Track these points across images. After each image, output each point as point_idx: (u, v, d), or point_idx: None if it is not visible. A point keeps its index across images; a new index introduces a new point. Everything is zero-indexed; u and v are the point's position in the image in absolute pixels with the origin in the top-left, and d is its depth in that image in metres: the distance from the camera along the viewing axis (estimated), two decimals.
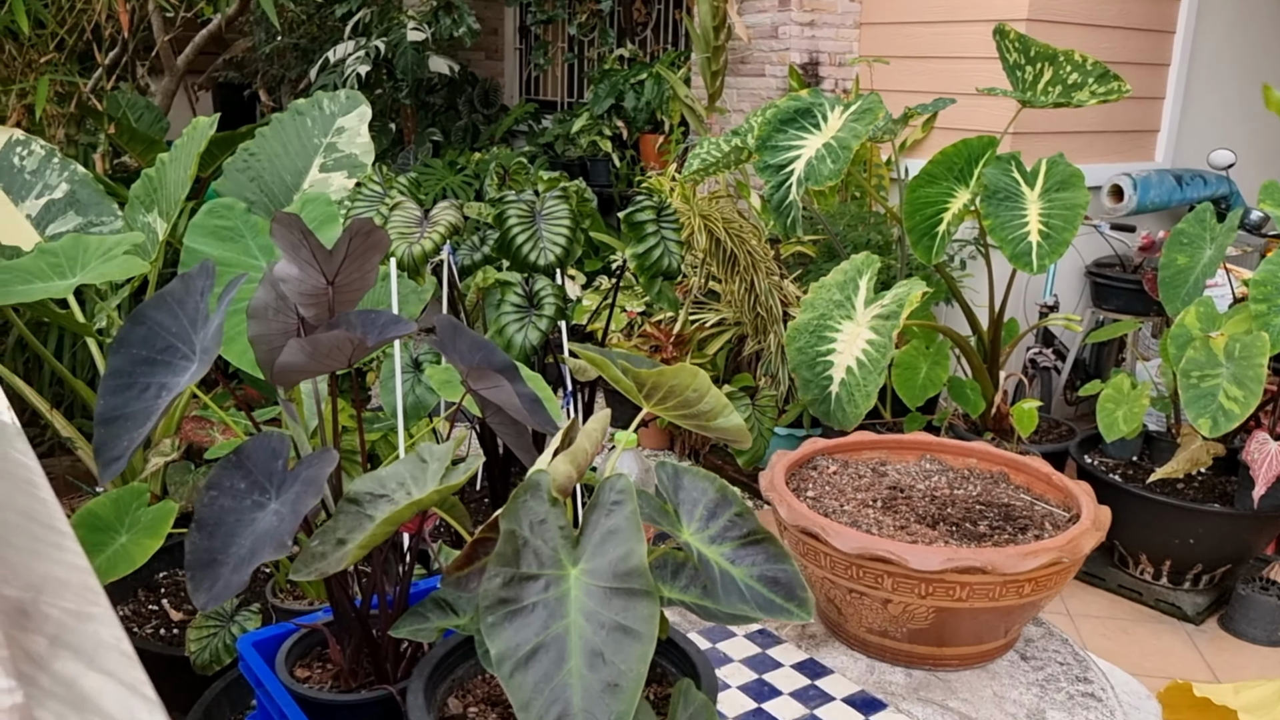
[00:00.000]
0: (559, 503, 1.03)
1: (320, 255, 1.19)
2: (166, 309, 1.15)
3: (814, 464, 1.90)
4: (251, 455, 1.08)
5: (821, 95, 3.22)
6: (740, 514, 1.23)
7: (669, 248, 2.41)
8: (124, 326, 1.12)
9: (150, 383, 1.10)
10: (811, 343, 2.75)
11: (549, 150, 5.82)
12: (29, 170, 2.99)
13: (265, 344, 1.35)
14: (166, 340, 1.13)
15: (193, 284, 1.16)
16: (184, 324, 1.14)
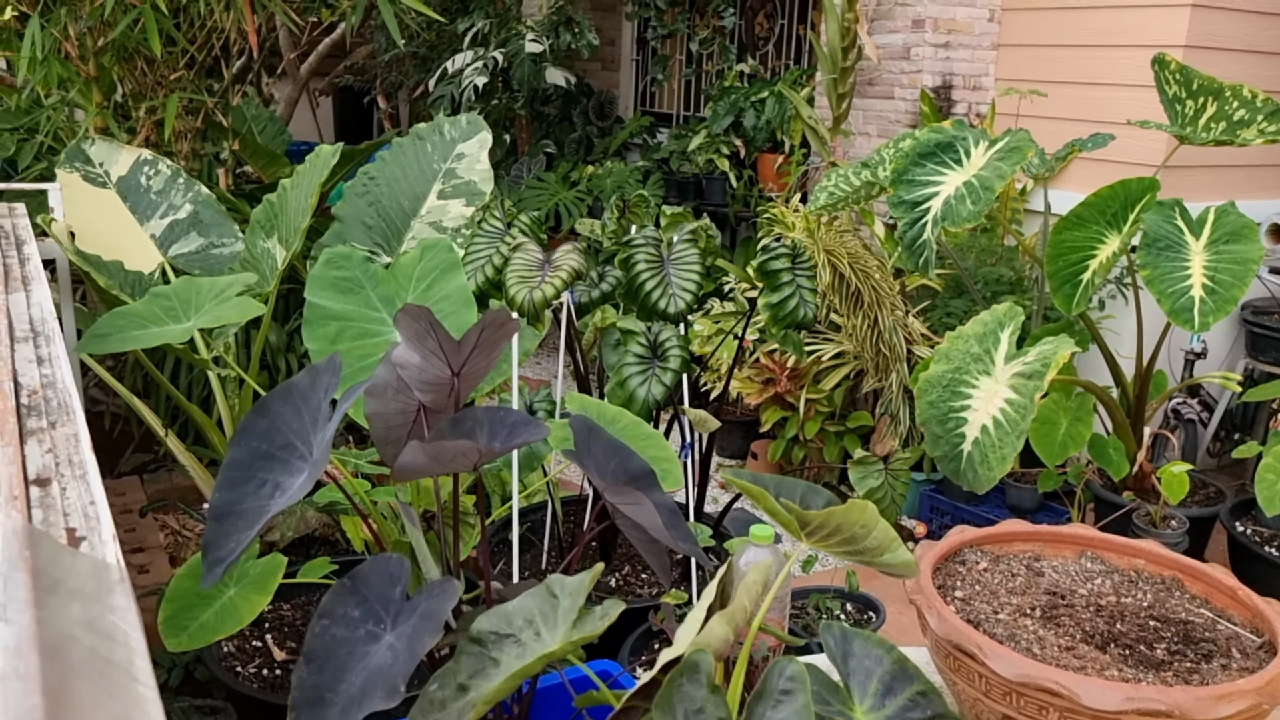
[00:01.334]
0: (719, 690, 0.91)
1: (447, 346, 1.09)
2: (290, 402, 1.07)
3: (961, 557, 1.74)
4: (368, 580, 0.99)
5: (965, 128, 3.02)
6: (923, 693, 1.08)
7: (804, 296, 2.27)
8: (247, 416, 1.05)
9: (267, 479, 1.02)
10: (944, 397, 2.57)
11: (663, 166, 5.71)
12: (155, 190, 3.01)
13: (382, 422, 1.26)
14: (286, 436, 1.05)
15: (319, 379, 1.08)
16: (305, 421, 1.06)
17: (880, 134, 4.55)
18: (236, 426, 0.98)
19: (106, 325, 1.95)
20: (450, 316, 1.74)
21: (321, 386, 1.08)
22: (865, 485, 2.23)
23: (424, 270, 1.81)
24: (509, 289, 2.17)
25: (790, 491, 1.12)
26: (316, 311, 1.71)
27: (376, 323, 1.75)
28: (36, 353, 1.34)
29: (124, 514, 3.19)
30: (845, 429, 4.06)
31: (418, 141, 3.05)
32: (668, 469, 2.02)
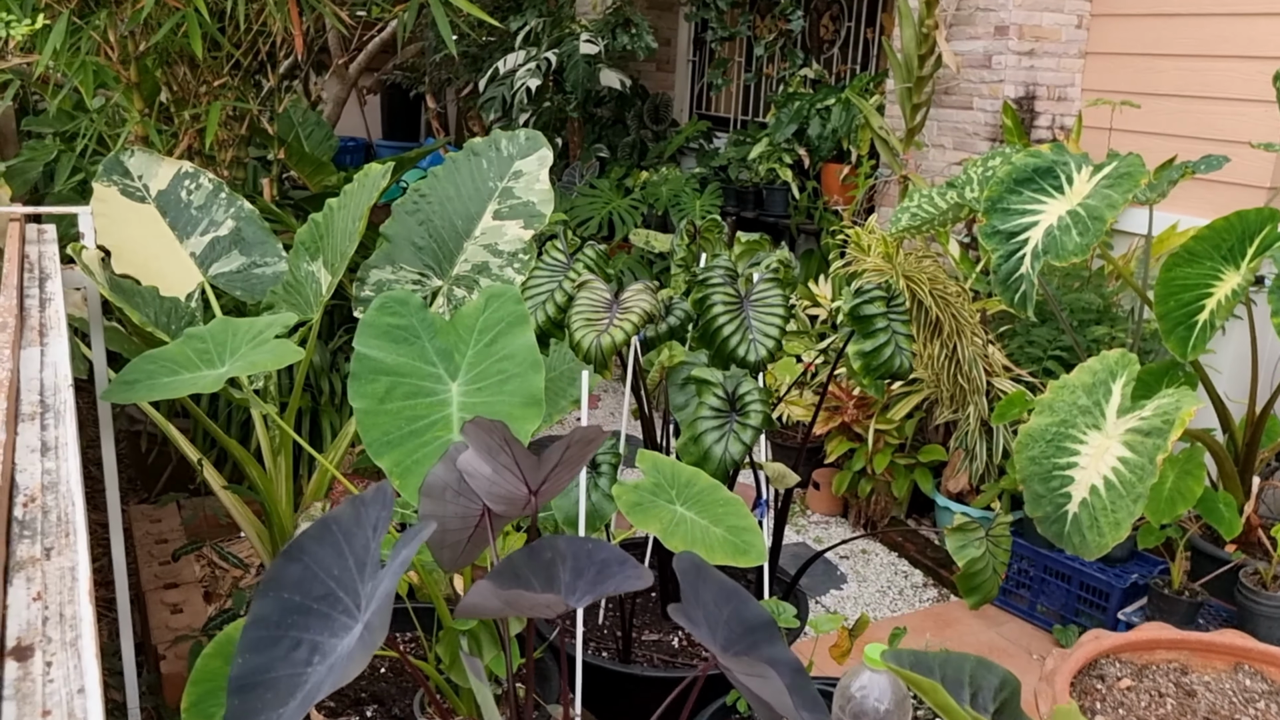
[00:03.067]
0: None
1: (525, 463, 0.89)
2: (330, 542, 0.88)
3: (1099, 670, 1.51)
4: None
5: (1065, 152, 2.77)
6: None
7: (899, 344, 2.04)
8: (276, 563, 0.86)
9: (302, 639, 0.83)
10: (1048, 452, 2.33)
11: (721, 174, 5.48)
12: (196, 205, 2.84)
13: (439, 524, 1.06)
14: (326, 585, 0.86)
15: (365, 513, 0.89)
16: (349, 566, 0.86)
17: (956, 146, 4.29)
18: (264, 577, 0.80)
19: (136, 370, 1.77)
20: (514, 379, 1.54)
21: (369, 523, 0.89)
22: (965, 555, 2.00)
23: (487, 322, 1.61)
24: (574, 332, 1.97)
25: (956, 670, 0.90)
26: (365, 364, 1.52)
27: (431, 379, 1.55)
28: (42, 437, 1.15)
29: (160, 544, 3.04)
30: (916, 462, 3.81)
31: (473, 157, 2.85)
32: (749, 541, 1.80)
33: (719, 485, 1.89)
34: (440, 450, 1.47)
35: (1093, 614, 3.19)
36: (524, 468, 0.93)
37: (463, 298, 2.77)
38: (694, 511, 1.82)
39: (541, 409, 1.52)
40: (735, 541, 1.79)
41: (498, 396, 1.53)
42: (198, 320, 2.48)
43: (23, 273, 1.86)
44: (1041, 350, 3.61)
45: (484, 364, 1.58)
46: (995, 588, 2.07)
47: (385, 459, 1.45)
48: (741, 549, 1.79)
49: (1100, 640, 1.53)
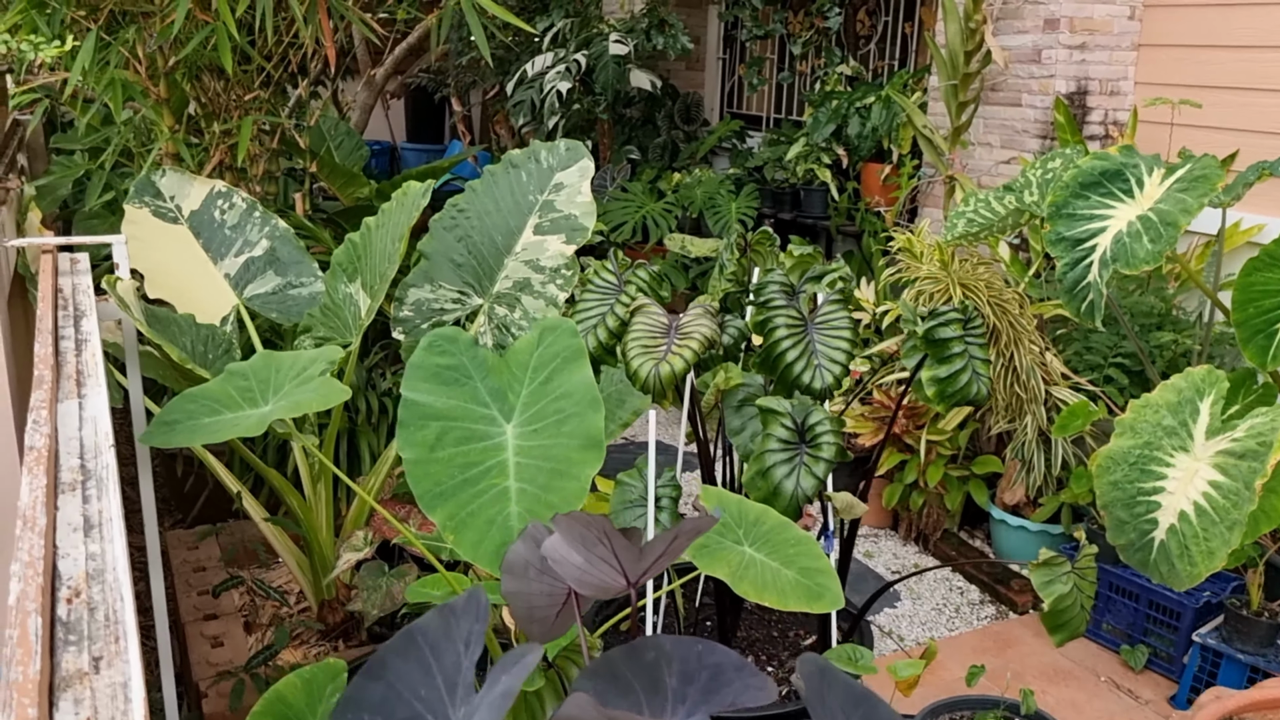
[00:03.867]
0: None
1: (625, 556, 0.80)
2: (416, 658, 0.78)
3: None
4: None
5: (1135, 153, 2.64)
6: None
7: (976, 369, 1.92)
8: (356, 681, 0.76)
9: None
10: (1132, 476, 2.20)
11: (756, 175, 5.36)
12: (229, 225, 2.76)
13: (523, 602, 0.96)
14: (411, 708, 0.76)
15: (455, 626, 0.79)
16: (438, 686, 0.76)
17: (1004, 144, 4.15)
18: (343, 696, 0.72)
19: (176, 410, 1.69)
20: (572, 419, 1.44)
21: (460, 636, 0.79)
22: (1052, 592, 1.88)
23: (542, 358, 1.51)
24: (630, 360, 1.87)
25: None
26: (414, 410, 1.42)
27: (485, 421, 1.45)
28: (84, 512, 1.06)
29: (198, 572, 2.96)
30: (969, 473, 3.69)
31: (511, 169, 2.75)
32: (824, 585, 1.69)
33: (788, 523, 1.78)
34: (497, 501, 1.37)
35: (1163, 634, 3.06)
36: (624, 560, 0.84)
37: (504, 316, 2.68)
38: (763, 553, 1.71)
39: (603, 451, 1.42)
40: (809, 585, 1.68)
41: (556, 439, 1.43)
42: (234, 347, 2.39)
43: (56, 310, 1.78)
44: (1101, 357, 3.48)
45: (540, 403, 1.48)
46: (1083, 625, 1.96)
47: (438, 512, 1.35)
48: (815, 593, 1.68)
49: (1222, 701, 1.41)
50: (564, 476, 1.38)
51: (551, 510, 1.32)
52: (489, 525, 1.33)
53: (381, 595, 2.45)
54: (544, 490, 1.37)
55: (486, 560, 1.29)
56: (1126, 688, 3.01)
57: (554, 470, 1.39)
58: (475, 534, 1.32)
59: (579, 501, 1.34)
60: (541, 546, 0.88)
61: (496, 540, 1.30)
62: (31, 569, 0.85)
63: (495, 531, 1.31)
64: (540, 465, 1.40)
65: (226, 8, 2.59)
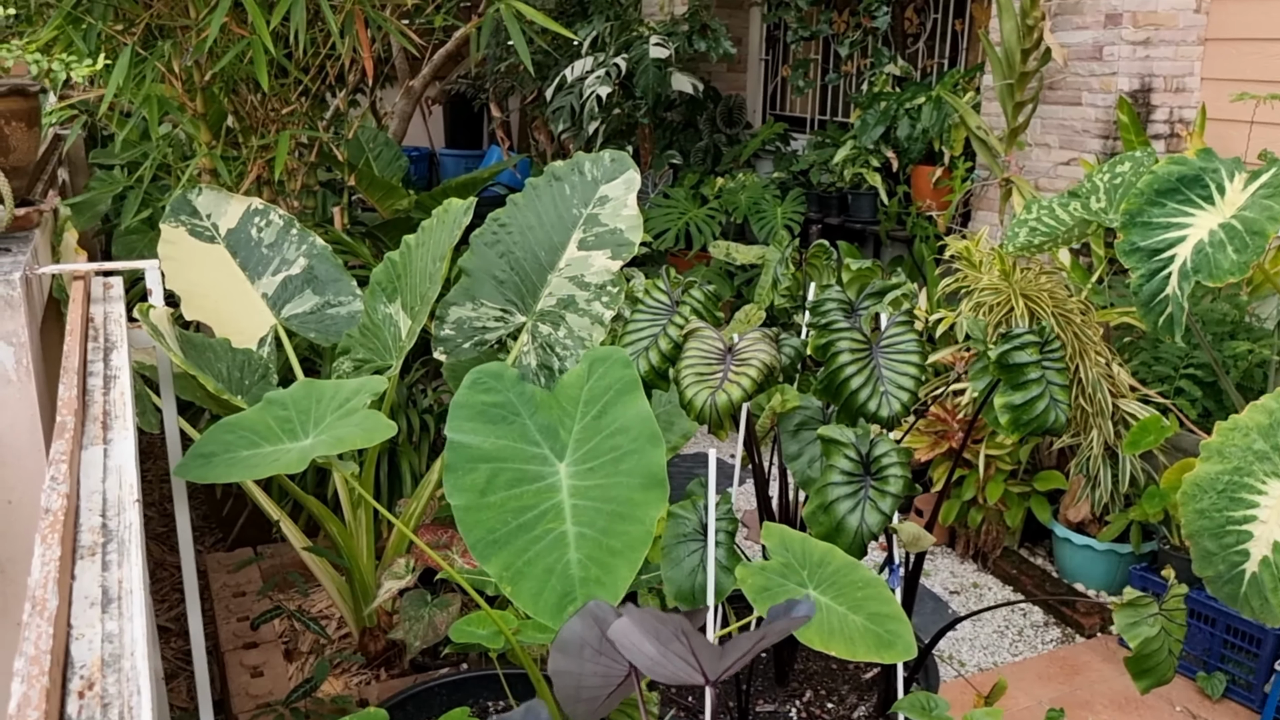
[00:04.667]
0: None
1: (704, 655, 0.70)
2: None
3: None
4: None
5: (1215, 158, 2.49)
6: None
7: (1054, 395, 1.79)
8: None
9: None
10: (1220, 504, 2.06)
11: (801, 179, 5.23)
12: (266, 244, 2.69)
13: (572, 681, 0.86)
14: None
15: None
16: None
17: (1062, 145, 3.99)
18: None
19: (213, 441, 1.61)
20: (630, 456, 1.33)
21: None
22: (1138, 634, 1.75)
23: (594, 391, 1.41)
24: (685, 389, 1.76)
25: None
26: (461, 453, 1.33)
27: (536, 461, 1.36)
28: (103, 581, 0.97)
29: (238, 596, 2.91)
30: (1031, 489, 3.54)
31: (554, 182, 2.66)
32: (895, 632, 1.58)
33: (855, 563, 1.67)
34: (555, 547, 1.27)
35: (1242, 661, 2.90)
36: (703, 659, 0.74)
37: (548, 334, 2.59)
38: (829, 596, 1.60)
39: (666, 490, 1.32)
40: (879, 632, 1.57)
41: (613, 478, 1.33)
42: (271, 371, 2.32)
43: (85, 342, 1.71)
44: (1171, 368, 3.31)
45: (594, 440, 1.38)
46: (1171, 671, 1.82)
47: (493, 562, 1.26)
48: (886, 641, 1.57)
49: None
50: (626, 519, 1.28)
51: (614, 556, 1.23)
52: (548, 575, 1.24)
53: (424, 626, 2.37)
54: (604, 535, 1.27)
55: (548, 614, 1.19)
56: (1204, 718, 2.86)
57: (614, 513, 1.29)
58: (534, 584, 1.23)
59: (644, 547, 1.25)
60: (609, 630, 0.79)
61: (558, 591, 1.20)
62: (37, 665, 0.76)
63: (555, 581, 1.22)
64: (599, 507, 1.31)
65: (262, 21, 2.52)
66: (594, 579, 1.21)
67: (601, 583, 1.20)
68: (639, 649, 0.78)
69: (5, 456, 1.79)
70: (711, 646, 0.77)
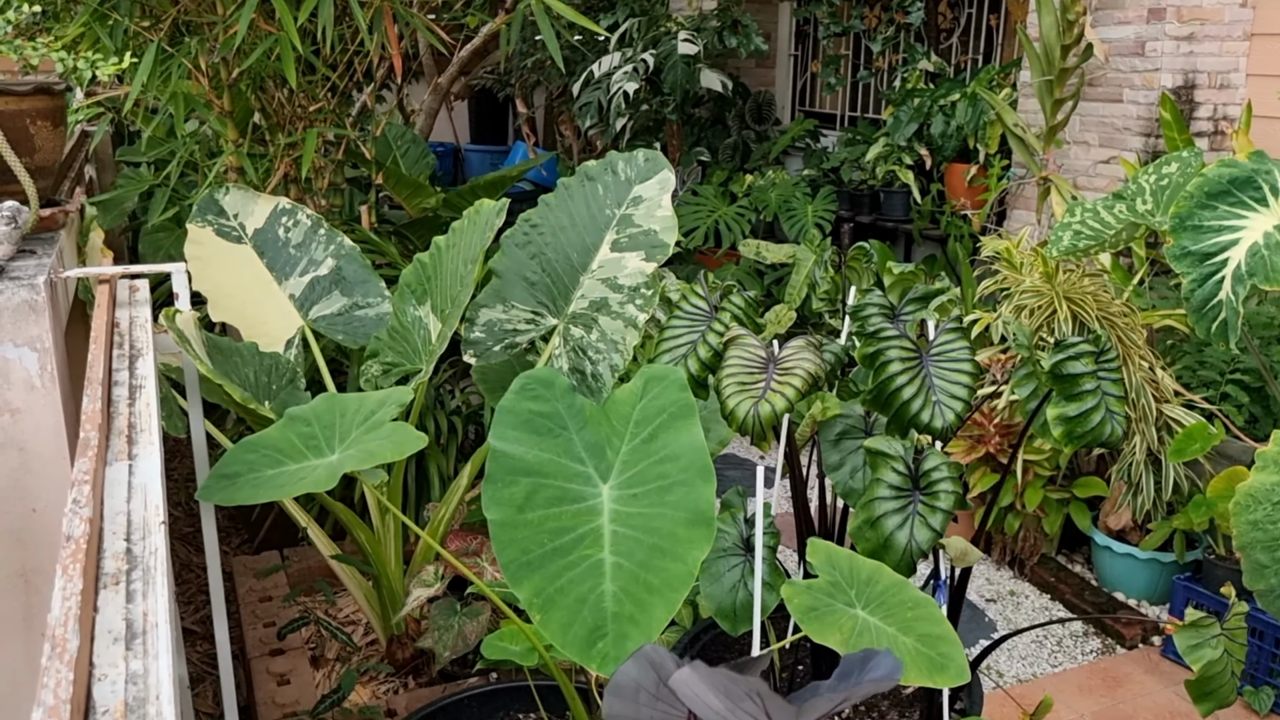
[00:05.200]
0: None
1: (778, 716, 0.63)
2: None
3: None
4: None
5: (1267, 159, 2.40)
6: None
7: (1110, 407, 1.72)
8: None
9: None
10: (1274, 516, 1.98)
11: (832, 176, 5.15)
12: (294, 244, 2.65)
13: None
14: None
15: None
16: None
17: (1103, 143, 3.90)
18: None
19: (236, 461, 1.57)
20: (678, 487, 1.27)
21: None
22: (1200, 657, 1.68)
23: (646, 412, 1.35)
24: (726, 398, 1.70)
25: None
26: (502, 463, 1.27)
27: (579, 480, 1.29)
28: (127, 614, 0.92)
29: (264, 601, 2.87)
30: (1070, 496, 3.45)
31: (587, 182, 2.60)
32: (947, 654, 1.51)
33: (904, 582, 1.60)
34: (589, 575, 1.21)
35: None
36: None
37: (580, 337, 2.53)
38: (878, 616, 1.54)
39: (713, 529, 1.25)
40: (930, 655, 1.50)
41: (658, 509, 1.27)
42: (299, 376, 2.28)
43: (110, 349, 1.67)
44: (1217, 372, 3.22)
45: (641, 464, 1.32)
46: (1233, 693, 1.75)
47: (525, 586, 1.19)
48: (938, 665, 1.50)
49: None
50: (667, 555, 1.22)
51: (651, 594, 1.16)
52: (579, 605, 1.17)
53: (453, 635, 2.32)
54: (643, 569, 1.21)
55: (576, 649, 1.13)
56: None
57: (655, 547, 1.23)
58: (564, 614, 1.16)
59: (684, 589, 1.18)
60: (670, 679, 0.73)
61: (588, 624, 1.14)
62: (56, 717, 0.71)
63: (587, 613, 1.16)
64: (640, 539, 1.24)
65: (289, 18, 2.48)
66: (628, 615, 1.14)
67: (635, 620, 1.14)
68: (707, 705, 0.72)
69: (30, 464, 1.75)
70: (787, 708, 0.71)
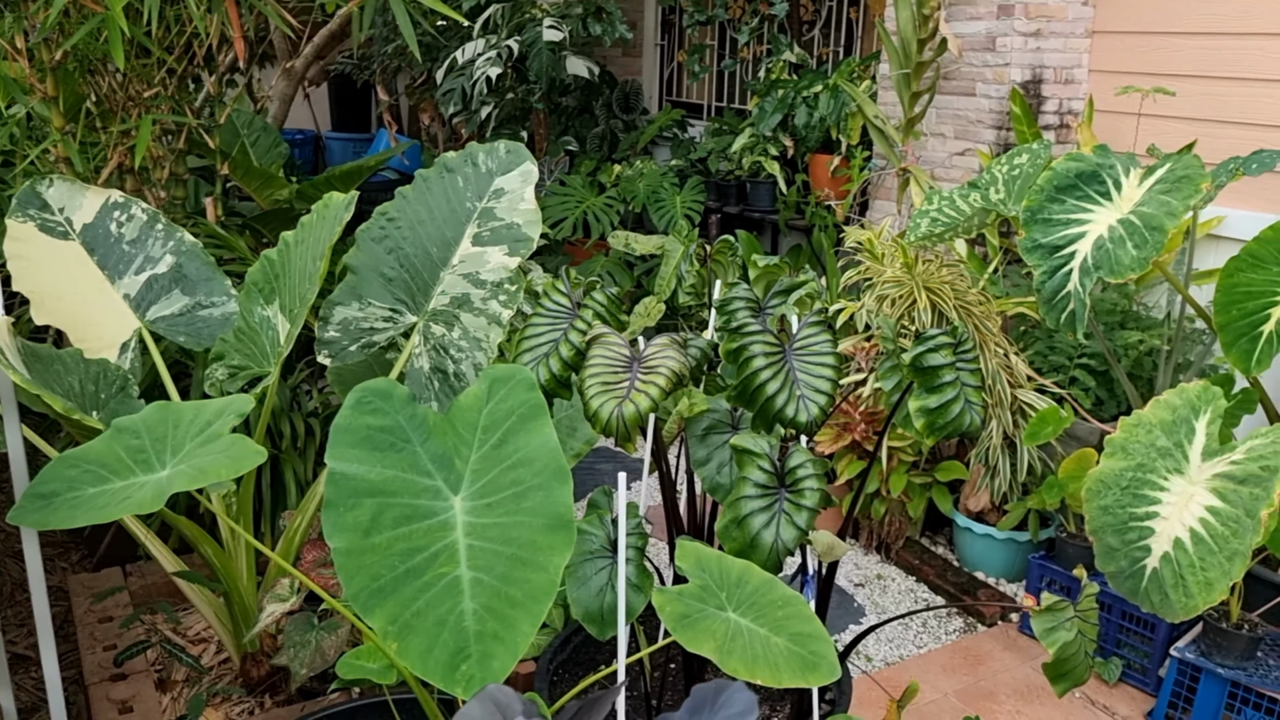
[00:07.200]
0: None
1: None
2: None
3: None
4: None
5: (1110, 154, 2.49)
6: None
7: (968, 398, 1.75)
8: None
9: None
10: (1124, 501, 2.06)
11: (700, 166, 5.15)
12: (128, 240, 2.47)
13: None
14: None
15: None
16: None
17: (957, 135, 4.01)
18: None
19: (54, 478, 1.43)
20: (533, 492, 1.21)
21: None
22: (1056, 640, 1.72)
23: (493, 417, 1.28)
24: (589, 399, 1.65)
25: None
26: (343, 486, 1.18)
27: (428, 495, 1.22)
28: None
29: (104, 622, 2.68)
30: (932, 480, 3.54)
31: (446, 174, 2.51)
32: (819, 652, 1.50)
33: (773, 580, 1.59)
34: (447, 595, 1.15)
35: (1138, 646, 2.95)
36: None
37: (441, 335, 2.44)
38: (750, 618, 1.52)
39: (573, 534, 1.20)
40: (802, 654, 1.49)
41: (514, 517, 1.21)
42: (132, 383, 2.12)
43: None
44: (1066, 357, 3.35)
45: (493, 472, 1.26)
46: (1086, 673, 1.80)
47: (377, 615, 1.11)
48: (810, 663, 1.49)
49: None
50: (528, 565, 1.16)
51: (514, 608, 1.10)
52: (439, 628, 1.10)
53: (311, 651, 2.21)
54: (503, 582, 1.15)
55: (439, 674, 1.06)
56: (1102, 703, 2.90)
57: (515, 557, 1.17)
58: (423, 640, 1.09)
59: (548, 599, 1.13)
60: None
61: (450, 647, 1.07)
62: None
63: (448, 635, 1.09)
64: (498, 550, 1.18)
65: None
66: (491, 634, 1.08)
67: (500, 638, 1.08)
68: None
69: None
70: None
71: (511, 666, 1.08)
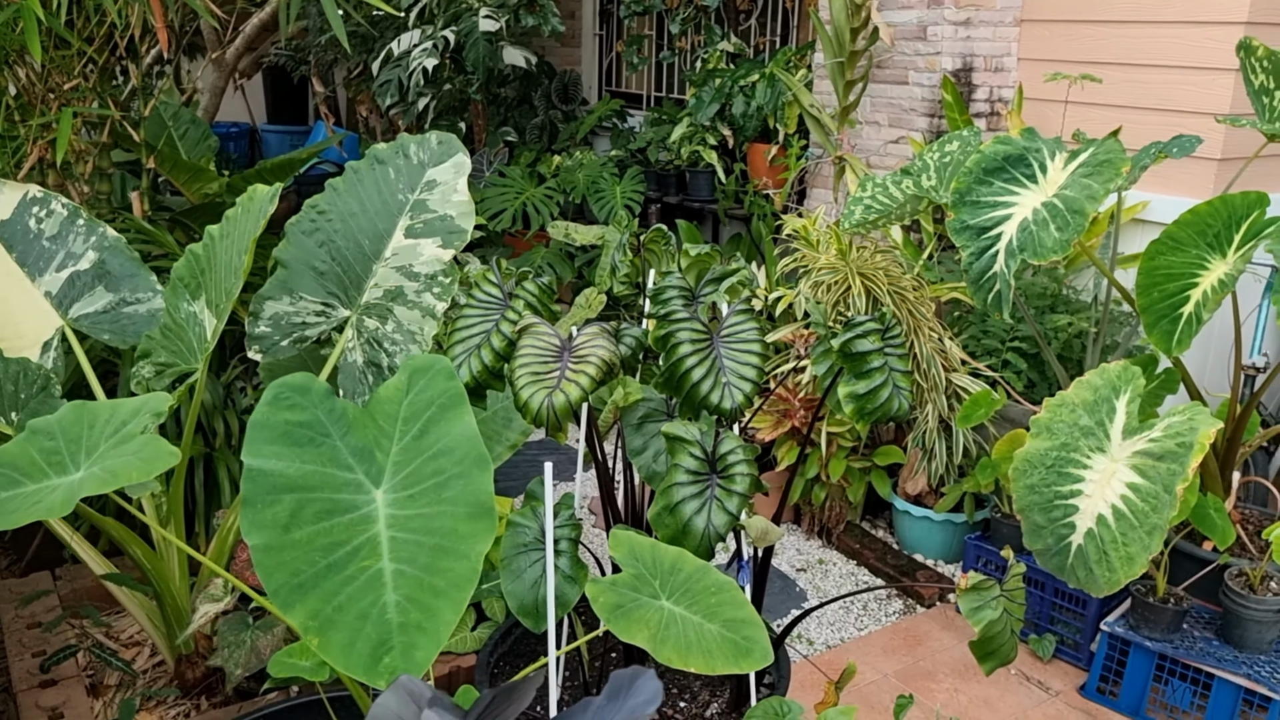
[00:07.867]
0: None
1: None
2: None
3: None
4: None
5: (1037, 138, 2.54)
6: None
7: (897, 383, 1.77)
8: None
9: None
10: (1049, 480, 2.11)
11: (639, 156, 5.15)
12: (48, 236, 2.41)
13: None
14: None
15: None
16: None
17: (891, 123, 4.06)
18: None
19: None
20: (455, 481, 1.21)
21: None
22: (982, 618, 1.76)
23: (413, 408, 1.27)
24: (519, 390, 1.65)
25: None
26: (260, 482, 1.16)
27: (349, 489, 1.21)
28: None
29: (32, 628, 2.62)
30: (871, 464, 3.59)
31: (377, 166, 2.48)
32: (751, 638, 1.52)
33: (706, 567, 1.60)
34: (369, 588, 1.14)
35: (1070, 622, 3.02)
36: None
37: (375, 329, 2.42)
38: (683, 605, 1.53)
39: (494, 522, 1.20)
40: (735, 640, 1.51)
41: (436, 507, 1.20)
42: (54, 382, 2.07)
43: None
44: (999, 341, 3.42)
45: (414, 463, 1.25)
46: (1013, 651, 1.84)
47: (297, 611, 1.10)
48: (743, 649, 1.51)
49: None
50: (450, 554, 1.16)
51: (437, 597, 1.10)
52: (361, 621, 1.10)
53: (246, 651, 2.18)
54: (426, 572, 1.14)
55: (361, 667, 1.06)
56: (1036, 679, 2.97)
57: (437, 547, 1.16)
58: (345, 634, 1.08)
59: (470, 587, 1.12)
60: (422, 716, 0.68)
61: (372, 640, 1.06)
62: None
63: (370, 629, 1.08)
64: (421, 541, 1.18)
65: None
66: (414, 624, 1.08)
67: (423, 628, 1.08)
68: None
69: None
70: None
71: (434, 656, 1.08)
